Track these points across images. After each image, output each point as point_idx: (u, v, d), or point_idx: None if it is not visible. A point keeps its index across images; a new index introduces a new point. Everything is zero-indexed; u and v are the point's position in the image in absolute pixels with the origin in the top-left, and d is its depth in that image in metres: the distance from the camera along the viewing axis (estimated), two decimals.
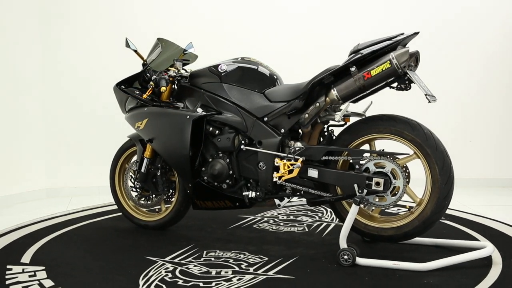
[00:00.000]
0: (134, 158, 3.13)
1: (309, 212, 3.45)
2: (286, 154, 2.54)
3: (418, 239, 2.60)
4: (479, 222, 3.10)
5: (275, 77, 2.81)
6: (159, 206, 3.11)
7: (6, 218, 3.48)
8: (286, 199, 2.64)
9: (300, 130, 2.64)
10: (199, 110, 2.77)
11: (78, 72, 4.28)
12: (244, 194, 2.68)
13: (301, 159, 2.49)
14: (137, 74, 3.01)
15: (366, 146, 2.57)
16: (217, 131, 2.74)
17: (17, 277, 2.28)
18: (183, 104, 2.90)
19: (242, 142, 2.68)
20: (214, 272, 2.31)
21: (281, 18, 4.42)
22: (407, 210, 2.54)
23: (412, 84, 2.33)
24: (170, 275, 2.27)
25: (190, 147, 2.68)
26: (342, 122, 2.59)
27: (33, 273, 2.32)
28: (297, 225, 3.12)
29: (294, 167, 2.49)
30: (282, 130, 2.59)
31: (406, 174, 2.40)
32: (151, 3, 4.33)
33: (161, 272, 2.32)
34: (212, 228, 3.08)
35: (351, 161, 2.46)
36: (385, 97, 2.79)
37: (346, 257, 2.33)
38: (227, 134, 2.71)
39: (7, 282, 2.21)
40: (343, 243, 2.38)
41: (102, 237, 2.95)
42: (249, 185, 2.71)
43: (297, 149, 2.52)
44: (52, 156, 4.29)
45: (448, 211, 3.14)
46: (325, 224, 3.13)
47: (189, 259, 2.49)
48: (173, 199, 3.00)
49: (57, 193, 4.29)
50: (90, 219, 3.35)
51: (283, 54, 4.33)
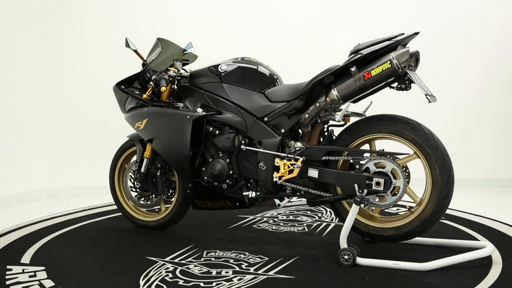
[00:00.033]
0: (134, 158, 3.13)
1: (308, 212, 3.45)
2: (286, 154, 2.54)
3: (418, 239, 2.60)
4: (479, 222, 3.11)
5: (275, 77, 2.80)
6: (159, 206, 3.11)
7: (6, 218, 3.48)
8: (286, 199, 2.64)
9: (300, 130, 2.64)
10: (199, 110, 2.77)
11: (78, 72, 4.28)
12: (244, 194, 2.68)
13: (301, 159, 2.49)
14: (136, 74, 3.00)
15: (366, 146, 2.57)
16: (217, 131, 2.74)
17: (17, 277, 2.28)
18: (183, 104, 2.90)
19: (242, 142, 2.67)
20: (214, 272, 2.30)
21: (281, 18, 4.42)
22: (407, 210, 2.54)
23: (412, 84, 2.34)
24: (170, 275, 2.27)
25: (190, 147, 2.68)
26: (342, 122, 2.59)
27: (33, 273, 2.32)
28: (296, 225, 3.12)
29: (294, 167, 2.49)
30: (282, 130, 2.59)
31: (406, 174, 2.40)
32: (151, 3, 4.33)
33: (161, 272, 2.31)
34: (212, 228, 3.08)
35: (351, 161, 2.46)
36: (385, 97, 2.79)
37: (346, 257, 2.33)
38: (227, 134, 2.71)
39: (8, 283, 2.21)
40: (344, 243, 2.38)
41: (102, 237, 2.95)
42: (249, 185, 2.71)
43: (297, 149, 2.52)
44: (52, 156, 4.29)
45: (448, 211, 3.14)
46: (324, 224, 3.13)
47: (189, 259, 2.49)
48: (173, 199, 3.00)
49: (57, 193, 4.29)
50: (90, 219, 3.35)
51: (283, 54, 4.33)
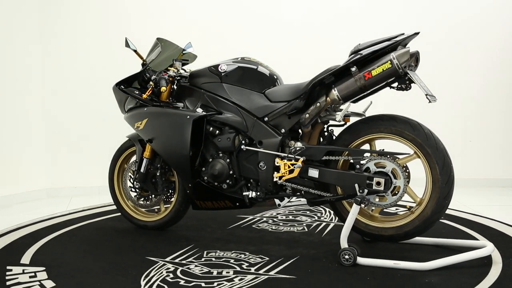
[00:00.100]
0: (133, 158, 3.13)
1: (308, 212, 3.45)
2: (286, 154, 2.54)
3: (418, 239, 2.60)
4: (479, 222, 3.11)
5: (275, 77, 2.80)
6: (158, 206, 3.10)
7: (6, 218, 3.47)
8: (286, 199, 2.64)
9: (300, 130, 2.64)
10: (199, 110, 2.76)
11: (78, 72, 4.27)
12: (244, 194, 2.68)
13: (301, 159, 2.49)
14: (136, 74, 3.00)
15: (366, 146, 2.57)
16: (217, 131, 2.73)
17: (17, 278, 2.27)
18: (183, 104, 2.89)
19: (243, 142, 2.67)
20: (215, 272, 2.30)
21: (281, 18, 4.42)
22: (407, 209, 2.54)
23: (412, 84, 2.34)
24: (171, 276, 2.27)
25: (190, 147, 2.68)
26: (342, 122, 2.59)
27: (33, 274, 2.32)
28: (296, 225, 3.12)
29: (294, 167, 2.49)
30: (283, 130, 2.59)
31: (407, 174, 2.40)
32: (151, 3, 4.33)
33: (162, 272, 2.31)
34: (211, 228, 3.08)
35: (352, 161, 2.46)
36: (385, 97, 2.79)
37: (347, 256, 2.33)
38: (228, 134, 2.70)
39: (8, 283, 2.20)
40: (344, 243, 2.38)
41: (102, 237, 2.94)
42: (249, 185, 2.71)
43: (297, 149, 2.52)
44: (52, 156, 4.29)
45: (448, 211, 3.14)
46: (324, 224, 3.13)
47: (189, 259, 2.49)
48: (172, 199, 3.00)
49: (57, 193, 4.29)
50: (90, 219, 3.35)
51: (283, 54, 4.33)
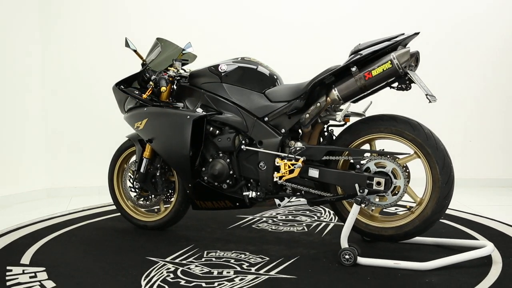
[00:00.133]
0: (133, 158, 3.12)
1: (307, 212, 3.45)
2: (286, 154, 2.54)
3: (418, 239, 2.60)
4: (479, 222, 3.11)
5: (275, 77, 2.80)
6: (158, 207, 3.10)
7: (6, 218, 3.47)
8: (286, 199, 2.64)
9: (300, 130, 2.64)
10: (199, 110, 2.77)
11: (78, 72, 4.27)
12: (244, 194, 2.68)
13: (302, 159, 2.49)
14: (136, 74, 3.00)
15: (366, 146, 2.57)
16: (217, 131, 2.73)
17: (17, 278, 2.27)
18: (183, 104, 2.89)
19: (243, 142, 2.67)
20: (216, 272, 2.30)
21: (281, 18, 4.42)
22: (407, 209, 2.54)
23: (412, 84, 2.34)
24: (172, 276, 2.27)
25: (190, 147, 2.68)
26: (342, 122, 2.59)
27: (33, 274, 2.32)
28: (296, 225, 3.12)
29: (295, 167, 2.49)
30: (283, 130, 2.59)
31: (407, 173, 2.40)
32: (151, 3, 4.33)
33: (162, 272, 2.31)
34: (211, 228, 3.08)
35: (352, 161, 2.46)
36: (385, 97, 2.79)
37: (347, 256, 2.33)
38: (228, 134, 2.70)
39: (8, 284, 2.20)
40: (345, 243, 2.38)
41: (102, 237, 2.94)
42: (249, 185, 2.71)
43: (297, 149, 2.52)
44: (52, 156, 4.29)
45: (447, 211, 3.14)
46: (324, 224, 3.13)
47: (190, 259, 2.49)
48: (172, 199, 3.00)
49: (57, 193, 4.29)
50: (90, 219, 3.35)
51: (283, 54, 4.33)
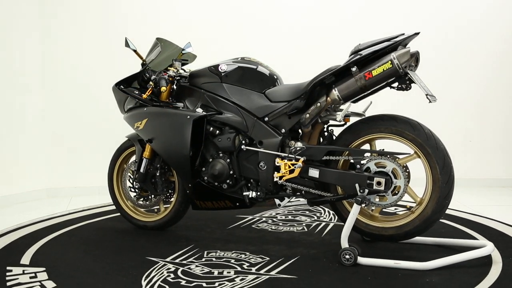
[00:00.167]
0: (133, 158, 3.12)
1: (307, 212, 3.45)
2: (287, 154, 2.54)
3: (418, 238, 2.61)
4: (479, 222, 3.11)
5: (275, 77, 2.80)
6: (158, 207, 3.10)
7: (6, 218, 3.47)
8: (287, 199, 2.64)
9: (300, 130, 2.64)
10: (199, 110, 2.76)
11: (78, 72, 4.27)
12: (244, 194, 2.68)
13: (302, 159, 2.49)
14: (136, 74, 2.99)
15: (366, 146, 2.57)
16: (217, 131, 2.73)
17: (18, 278, 2.27)
18: (183, 104, 2.89)
19: (243, 142, 2.67)
20: (216, 272, 2.30)
21: (281, 18, 4.42)
22: (407, 209, 2.55)
23: (412, 84, 2.34)
24: (172, 276, 2.27)
25: (191, 147, 2.68)
26: (342, 122, 2.59)
27: (33, 274, 2.31)
28: (296, 225, 3.12)
29: (295, 167, 2.49)
30: (283, 130, 2.59)
31: (407, 173, 2.40)
32: (151, 3, 4.32)
33: (163, 272, 2.31)
34: (211, 228, 3.08)
35: (352, 161, 2.46)
36: (385, 97, 2.79)
37: (348, 256, 2.33)
38: (228, 134, 2.70)
39: (9, 284, 2.20)
40: (345, 243, 2.38)
41: (102, 237, 2.94)
42: (249, 185, 2.71)
43: (298, 149, 2.52)
44: (52, 156, 4.28)
45: (447, 211, 3.14)
46: (323, 224, 3.13)
47: (190, 260, 2.49)
48: (172, 200, 3.00)
49: (57, 193, 4.28)
50: (90, 219, 3.35)
51: (283, 54, 4.33)
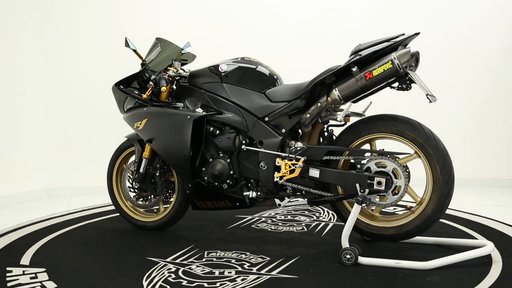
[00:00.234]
0: (132, 158, 3.12)
1: (306, 212, 3.45)
2: (287, 154, 2.54)
3: (418, 238, 2.61)
4: (479, 222, 3.11)
5: (275, 77, 2.80)
6: (157, 207, 3.10)
7: (6, 218, 3.47)
8: (287, 199, 2.64)
9: (300, 130, 2.64)
10: (199, 110, 2.76)
11: (78, 72, 4.27)
12: (244, 194, 2.68)
13: (302, 159, 2.49)
14: (135, 74, 2.99)
15: (367, 146, 2.57)
16: (217, 131, 2.73)
17: (18, 279, 2.27)
18: (183, 104, 2.89)
19: (243, 142, 2.67)
20: (217, 272, 2.30)
21: (281, 18, 4.42)
22: (407, 209, 2.55)
23: (412, 84, 2.34)
24: (173, 276, 2.27)
25: (191, 147, 2.68)
26: (343, 122, 2.59)
27: (34, 275, 2.31)
28: (295, 225, 3.12)
29: (295, 167, 2.49)
30: (283, 130, 2.59)
31: (407, 173, 2.40)
32: (151, 3, 4.32)
33: (164, 273, 2.31)
34: (211, 228, 3.08)
35: (352, 160, 2.46)
36: (385, 97, 2.79)
37: (348, 256, 2.33)
38: (228, 134, 2.70)
39: (9, 285, 2.19)
40: (345, 243, 2.38)
41: (102, 237, 2.94)
42: (249, 185, 2.71)
43: (298, 149, 2.52)
44: (52, 156, 4.28)
45: (447, 211, 3.14)
46: (323, 223, 3.13)
47: (191, 260, 2.49)
48: (171, 200, 3.00)
49: (57, 193, 4.28)
50: (90, 219, 3.35)
51: (284, 54, 4.33)
